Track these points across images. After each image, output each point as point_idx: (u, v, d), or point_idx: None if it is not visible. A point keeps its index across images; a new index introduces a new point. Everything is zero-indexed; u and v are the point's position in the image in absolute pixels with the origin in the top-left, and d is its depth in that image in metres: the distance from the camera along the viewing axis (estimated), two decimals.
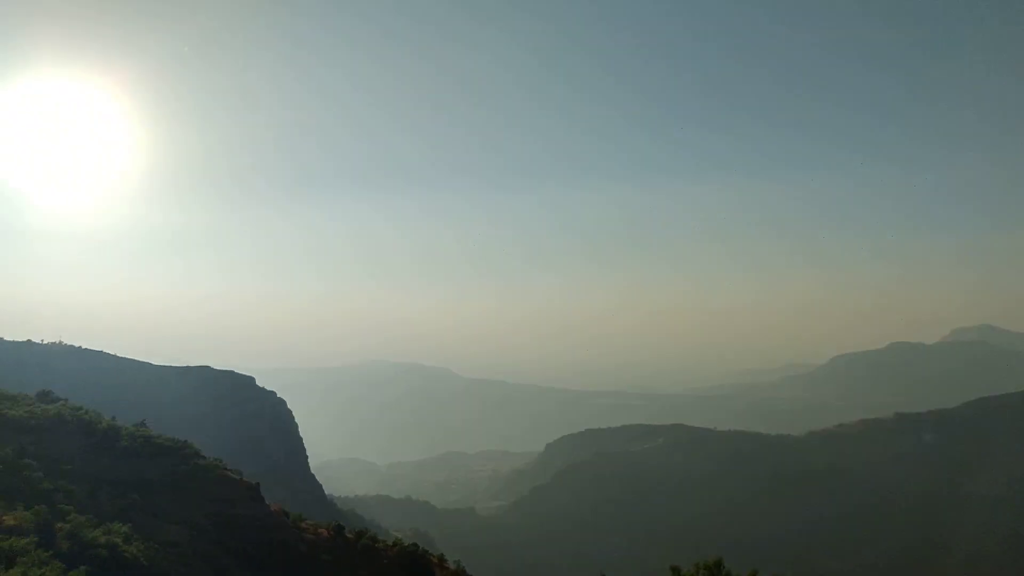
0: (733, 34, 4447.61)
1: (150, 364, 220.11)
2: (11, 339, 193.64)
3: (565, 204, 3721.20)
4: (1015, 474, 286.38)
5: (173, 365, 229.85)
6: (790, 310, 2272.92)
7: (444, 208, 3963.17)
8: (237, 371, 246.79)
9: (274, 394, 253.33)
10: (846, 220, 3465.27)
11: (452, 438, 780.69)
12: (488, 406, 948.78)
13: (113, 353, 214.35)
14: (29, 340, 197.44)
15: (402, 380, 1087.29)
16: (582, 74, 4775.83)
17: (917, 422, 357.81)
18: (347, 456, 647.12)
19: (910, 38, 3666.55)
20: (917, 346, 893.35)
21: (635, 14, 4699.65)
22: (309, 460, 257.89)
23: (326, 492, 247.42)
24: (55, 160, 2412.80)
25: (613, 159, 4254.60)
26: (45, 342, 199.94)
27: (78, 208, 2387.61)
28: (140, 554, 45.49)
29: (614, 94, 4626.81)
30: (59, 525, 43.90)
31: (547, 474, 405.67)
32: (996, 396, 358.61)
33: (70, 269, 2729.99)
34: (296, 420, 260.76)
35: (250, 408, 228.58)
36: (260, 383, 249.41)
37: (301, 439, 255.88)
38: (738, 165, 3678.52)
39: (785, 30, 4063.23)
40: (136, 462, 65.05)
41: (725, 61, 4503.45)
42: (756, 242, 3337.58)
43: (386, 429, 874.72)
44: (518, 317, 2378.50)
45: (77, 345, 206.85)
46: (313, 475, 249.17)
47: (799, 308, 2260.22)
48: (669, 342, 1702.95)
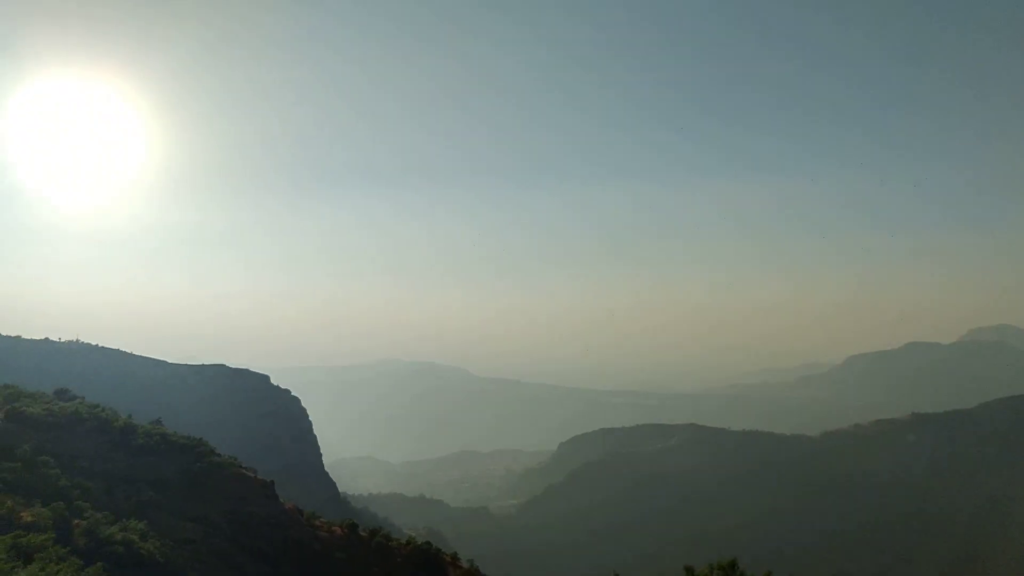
0: (764, 23, 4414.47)
1: (166, 362, 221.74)
2: (29, 337, 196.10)
3: (582, 202, 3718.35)
4: None
5: (188, 363, 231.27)
6: (806, 310, 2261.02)
7: (460, 206, 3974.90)
8: (252, 369, 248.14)
9: (288, 392, 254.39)
10: (863, 220, 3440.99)
11: (466, 437, 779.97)
12: (502, 405, 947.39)
13: (129, 351, 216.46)
14: (47, 338, 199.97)
15: (417, 379, 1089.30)
16: (603, 70, 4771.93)
17: (934, 423, 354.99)
18: (361, 455, 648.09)
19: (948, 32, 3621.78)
20: (934, 346, 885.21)
21: (662, 8, 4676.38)
22: (323, 458, 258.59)
23: (340, 490, 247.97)
24: (72, 160, 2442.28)
25: (633, 156, 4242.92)
26: (63, 340, 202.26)
27: (95, 207, 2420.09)
28: (156, 551, 45.80)
29: (636, 90, 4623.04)
30: (76, 522, 44.34)
31: (561, 473, 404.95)
32: (1014, 396, 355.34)
33: (88, 268, 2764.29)
34: (310, 419, 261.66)
35: (265, 406, 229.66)
36: (274, 381, 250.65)
37: (315, 437, 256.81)
38: (752, 164, 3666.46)
39: (829, 20, 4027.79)
40: (152, 459, 65.50)
41: (755, 52, 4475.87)
42: (772, 242, 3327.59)
43: (400, 428, 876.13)
44: (532, 316, 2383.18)
45: (94, 343, 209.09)
46: (327, 473, 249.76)
47: (815, 308, 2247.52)
48: (685, 342, 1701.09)
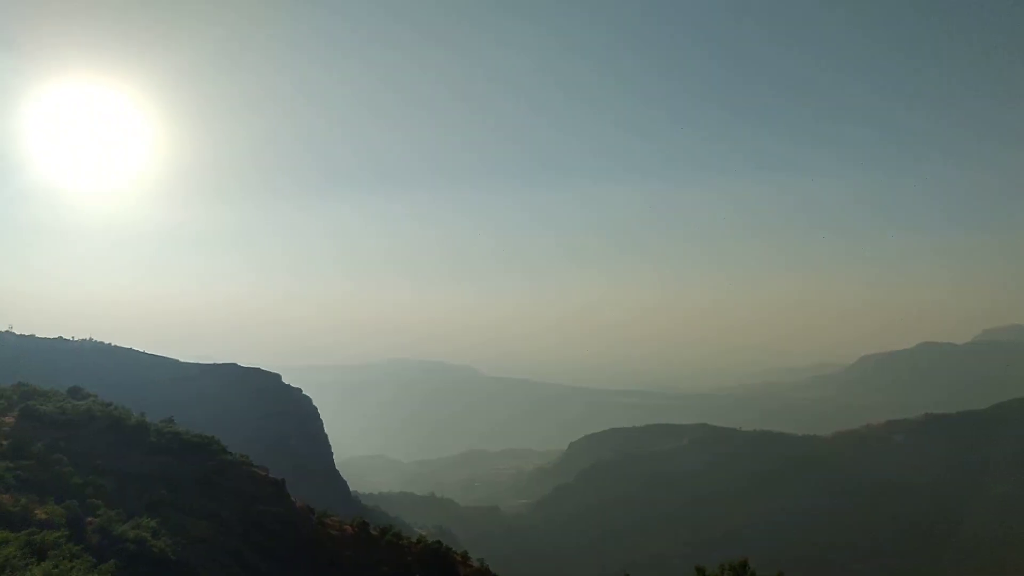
0: (777, 24, 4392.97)
1: (178, 361, 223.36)
2: (43, 336, 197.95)
3: (593, 201, 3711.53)
4: None
5: (200, 362, 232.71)
6: (818, 309, 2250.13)
7: (470, 205, 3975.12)
8: (263, 369, 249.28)
9: (300, 391, 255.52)
10: (876, 219, 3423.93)
11: (476, 436, 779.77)
12: (512, 405, 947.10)
13: (142, 350, 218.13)
14: (60, 337, 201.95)
15: (427, 379, 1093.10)
16: (615, 69, 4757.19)
17: (947, 423, 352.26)
18: (372, 454, 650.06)
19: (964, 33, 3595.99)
20: (947, 346, 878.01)
21: (673, 7, 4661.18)
22: (334, 457, 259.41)
23: (351, 489, 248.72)
24: (87, 160, 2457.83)
25: (645, 155, 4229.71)
26: (76, 339, 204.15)
27: (108, 208, 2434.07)
28: (168, 549, 46.03)
29: (649, 88, 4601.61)
30: (89, 519, 44.67)
31: (571, 473, 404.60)
32: None
33: (100, 267, 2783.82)
34: (321, 418, 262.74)
35: (276, 405, 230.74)
36: (286, 381, 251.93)
37: (326, 436, 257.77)
38: (764, 162, 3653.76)
39: (846, 17, 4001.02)
40: (164, 458, 65.86)
41: (774, 50, 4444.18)
42: (784, 241, 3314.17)
43: (411, 427, 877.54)
44: (542, 316, 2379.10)
45: (107, 342, 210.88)
46: (338, 472, 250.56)
47: (827, 307, 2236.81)
48: (695, 341, 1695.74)
